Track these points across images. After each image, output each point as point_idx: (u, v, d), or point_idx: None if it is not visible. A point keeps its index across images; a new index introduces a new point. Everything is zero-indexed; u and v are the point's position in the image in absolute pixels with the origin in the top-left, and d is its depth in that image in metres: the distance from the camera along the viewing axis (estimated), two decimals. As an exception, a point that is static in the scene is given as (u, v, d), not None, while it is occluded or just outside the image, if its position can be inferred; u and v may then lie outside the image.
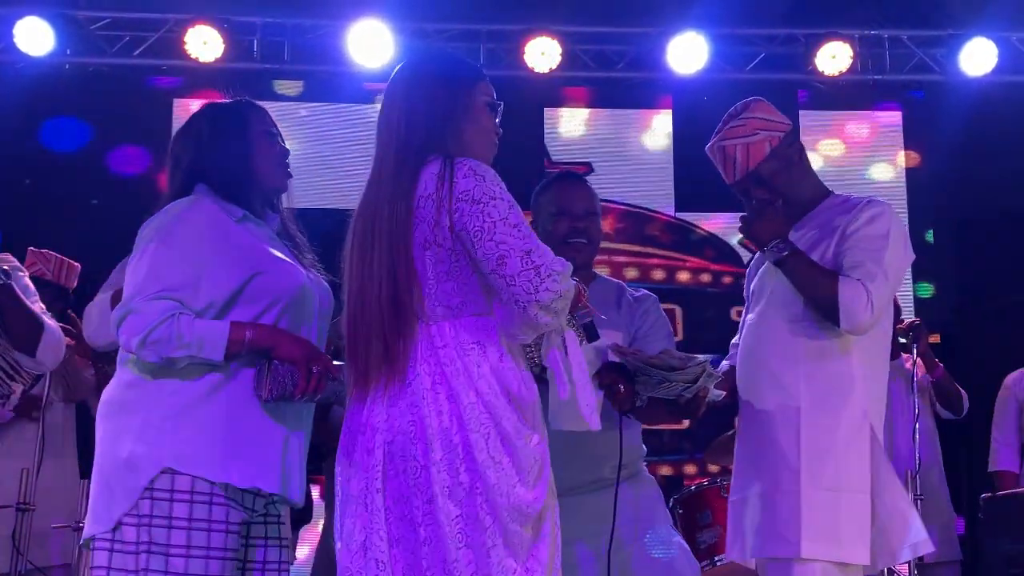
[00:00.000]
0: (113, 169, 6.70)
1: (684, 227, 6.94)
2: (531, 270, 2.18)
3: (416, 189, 2.25)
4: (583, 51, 6.83)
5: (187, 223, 2.50)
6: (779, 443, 2.81)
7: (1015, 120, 6.80)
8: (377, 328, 2.26)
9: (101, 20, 6.65)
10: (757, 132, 2.91)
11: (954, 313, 6.82)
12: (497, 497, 2.18)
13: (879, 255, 2.78)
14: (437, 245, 2.24)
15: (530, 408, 2.29)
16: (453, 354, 2.23)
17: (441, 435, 2.19)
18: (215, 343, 2.39)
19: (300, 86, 6.94)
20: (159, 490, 2.37)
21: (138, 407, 2.44)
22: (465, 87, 2.40)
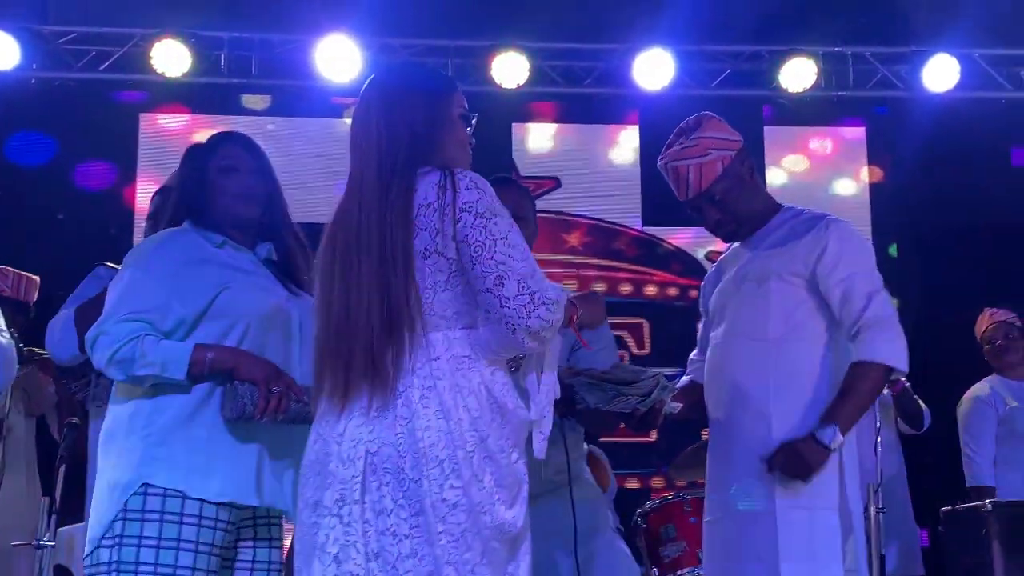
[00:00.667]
0: (79, 184, 6.67)
1: (651, 241, 6.98)
2: (527, 295, 2.17)
3: (415, 199, 2.23)
4: (550, 67, 6.87)
5: (163, 248, 2.64)
6: (752, 463, 2.83)
7: (978, 135, 6.90)
8: (364, 340, 2.22)
9: (67, 35, 6.63)
10: (709, 152, 2.93)
11: (918, 327, 6.84)
12: (480, 515, 2.17)
13: (871, 285, 2.84)
14: (438, 254, 2.21)
15: (519, 425, 2.28)
16: (446, 367, 2.21)
17: (429, 449, 2.16)
18: (178, 363, 2.49)
19: (268, 100, 6.94)
20: (132, 511, 2.47)
21: (121, 433, 2.56)
22: (443, 99, 2.40)
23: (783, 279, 2.86)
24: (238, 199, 2.73)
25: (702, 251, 6.85)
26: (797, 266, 2.86)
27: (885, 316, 2.81)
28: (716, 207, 2.96)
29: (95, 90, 6.74)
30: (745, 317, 2.92)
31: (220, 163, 2.75)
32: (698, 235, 6.88)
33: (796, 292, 2.86)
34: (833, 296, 2.83)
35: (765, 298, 2.88)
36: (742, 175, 2.97)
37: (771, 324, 2.86)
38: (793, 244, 2.89)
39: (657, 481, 6.52)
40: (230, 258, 2.67)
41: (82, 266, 3.79)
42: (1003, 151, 7.17)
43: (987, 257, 6.69)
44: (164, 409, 2.54)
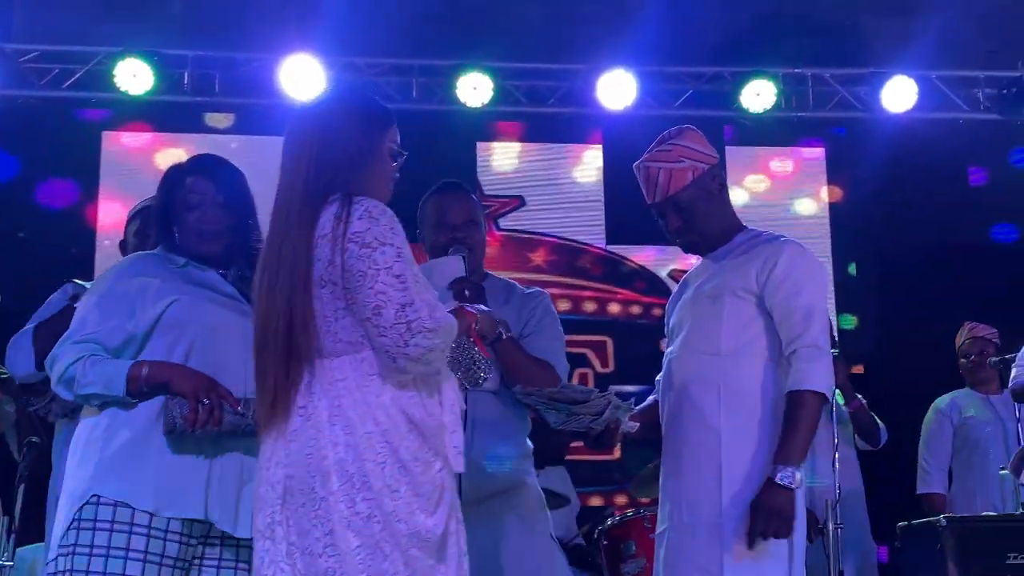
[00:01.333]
0: (41, 202, 6.64)
1: (615, 260, 7.03)
2: (403, 324, 2.21)
3: (316, 229, 2.29)
4: (515, 86, 6.92)
5: (122, 273, 2.73)
6: (701, 474, 2.87)
7: (935, 156, 7.00)
8: (275, 367, 2.30)
9: (30, 53, 6.61)
10: (682, 160, 2.98)
11: (877, 344, 6.97)
12: (395, 523, 2.22)
13: (814, 308, 2.87)
14: (333, 283, 2.26)
15: (433, 434, 2.32)
16: (352, 386, 2.27)
17: (337, 466, 2.22)
18: (117, 380, 2.56)
19: (231, 119, 6.93)
20: (85, 520, 2.53)
21: (80, 447, 2.65)
22: (378, 131, 2.44)
23: (736, 295, 2.91)
24: (201, 237, 2.77)
25: (665, 269, 6.91)
26: (749, 283, 2.91)
27: (819, 343, 2.84)
28: (680, 215, 3.00)
29: (58, 108, 6.71)
30: (699, 332, 2.97)
31: (184, 197, 2.79)
32: (661, 253, 6.95)
33: (748, 308, 2.91)
34: (775, 314, 2.89)
35: (718, 314, 2.93)
36: (711, 189, 3.02)
37: (723, 339, 2.91)
38: (747, 262, 2.94)
39: (620, 498, 6.55)
40: (190, 276, 2.73)
41: (43, 284, 3.77)
42: (960, 171, 7.28)
43: (945, 275, 6.78)
44: (119, 424, 2.60)
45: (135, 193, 5.04)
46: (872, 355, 6.90)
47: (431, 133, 6.71)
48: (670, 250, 6.80)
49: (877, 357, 6.88)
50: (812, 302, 2.87)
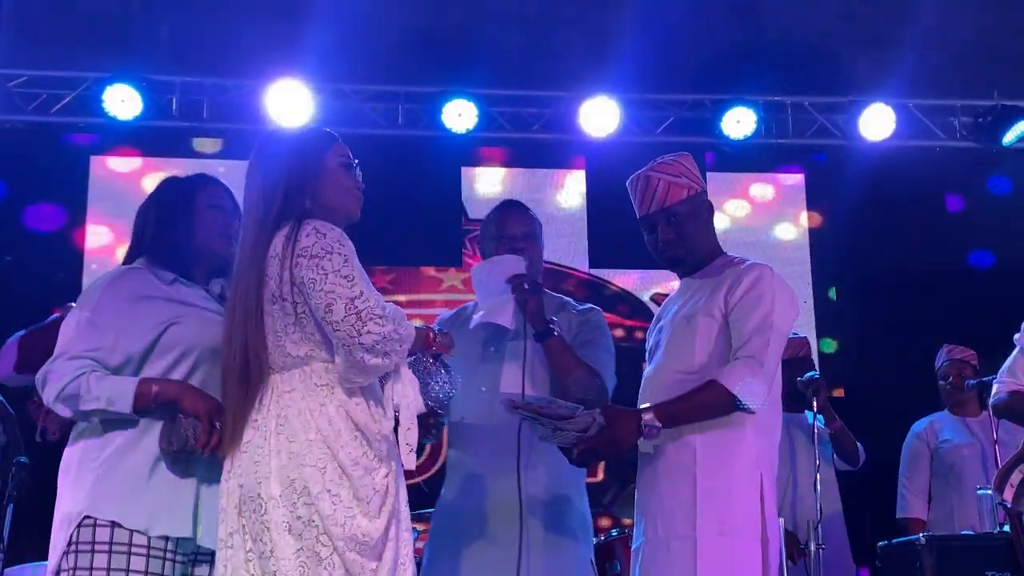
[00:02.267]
0: (28, 226, 6.67)
1: (598, 283, 7.09)
2: (353, 315, 2.34)
3: (267, 251, 2.44)
4: (499, 113, 7.00)
5: (111, 289, 2.71)
6: (675, 490, 2.91)
7: (913, 183, 7.11)
8: (230, 384, 2.46)
9: (19, 78, 6.65)
10: (681, 176, 3.08)
11: (856, 368, 7.05)
12: (332, 527, 2.32)
13: (765, 323, 2.90)
14: (282, 299, 2.42)
15: (379, 441, 2.44)
16: (298, 396, 2.41)
17: (279, 472, 2.35)
18: (123, 397, 2.56)
19: (219, 144, 6.98)
20: (83, 543, 2.54)
21: (73, 467, 2.66)
22: (316, 151, 2.59)
23: (708, 315, 2.98)
24: (222, 237, 2.82)
25: (648, 293, 6.98)
26: (719, 302, 2.97)
27: (758, 356, 2.87)
28: (672, 227, 3.07)
29: (46, 133, 6.75)
30: (673, 352, 3.03)
31: (210, 200, 2.85)
32: (644, 278, 7.02)
33: (716, 327, 2.97)
34: (731, 329, 2.94)
35: (691, 334, 2.99)
36: (702, 211, 3.11)
37: (696, 358, 2.97)
38: (719, 284, 3.01)
39: (604, 520, 6.58)
40: (179, 294, 2.75)
41: (30, 308, 3.82)
42: (937, 198, 7.39)
43: (923, 299, 6.88)
44: (111, 444, 2.62)
45: (123, 217, 5.09)
46: (852, 378, 6.97)
47: (416, 158, 6.78)
48: (652, 274, 6.87)
49: (857, 380, 6.95)
50: (766, 319, 2.90)
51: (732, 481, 2.87)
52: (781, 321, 2.94)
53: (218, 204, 2.86)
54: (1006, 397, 4.10)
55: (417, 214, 6.65)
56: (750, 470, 2.89)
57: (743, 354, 2.87)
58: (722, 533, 2.83)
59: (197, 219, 2.82)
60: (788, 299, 3.01)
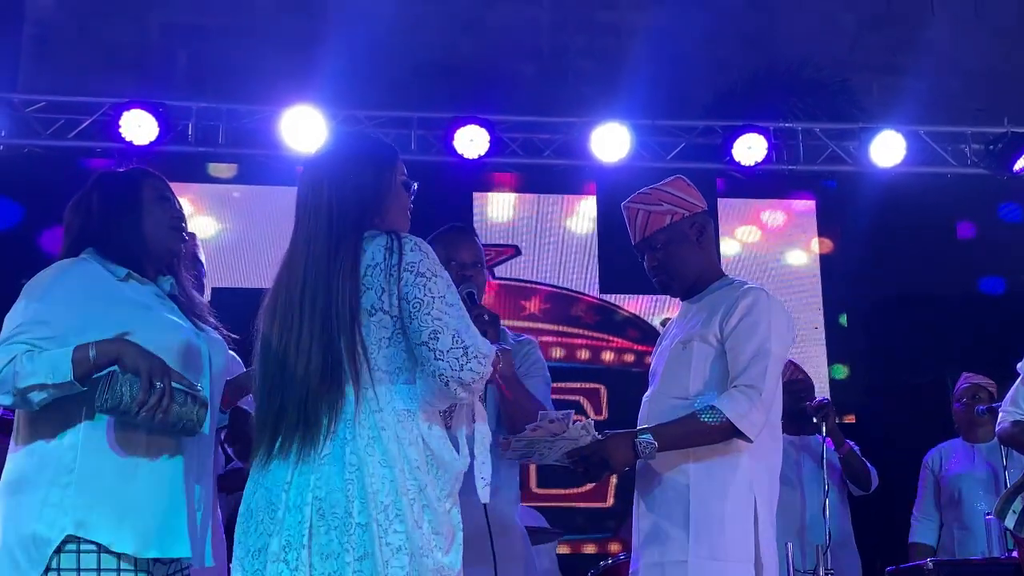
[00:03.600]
0: (44, 249, 6.73)
1: (608, 308, 7.12)
2: (460, 348, 2.28)
3: (362, 260, 2.36)
4: (511, 138, 7.04)
5: (63, 278, 2.53)
6: (669, 514, 2.93)
7: (924, 209, 7.10)
8: (302, 393, 2.33)
9: (37, 103, 6.73)
10: (661, 204, 3.10)
11: (867, 394, 7.04)
12: (421, 558, 2.27)
13: (761, 350, 2.91)
14: (383, 312, 2.33)
15: (453, 477, 2.39)
16: (389, 419, 2.32)
17: (373, 496, 2.26)
18: (63, 365, 2.35)
19: (234, 169, 7.04)
20: (66, 570, 2.36)
21: (38, 481, 2.42)
22: (388, 167, 2.55)
23: (704, 340, 2.99)
24: (173, 230, 2.70)
25: (658, 318, 6.98)
26: (714, 328, 2.99)
27: (757, 384, 2.88)
28: (654, 255, 3.11)
29: (63, 157, 6.81)
30: (670, 377, 3.05)
31: (156, 192, 2.71)
32: (654, 302, 7.05)
33: (713, 353, 2.98)
34: (728, 356, 2.95)
35: (687, 359, 3.01)
36: (687, 235, 3.11)
37: (691, 383, 2.98)
38: (715, 308, 3.02)
39: (614, 546, 6.59)
40: (134, 293, 2.59)
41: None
42: (948, 224, 7.40)
43: (934, 326, 6.88)
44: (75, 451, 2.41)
45: (139, 240, 5.12)
46: (863, 404, 6.97)
47: (429, 183, 6.73)
48: (663, 299, 6.90)
49: (868, 406, 6.95)
50: (762, 345, 2.91)
51: (725, 506, 2.88)
52: (777, 347, 2.95)
53: (165, 195, 2.72)
54: (1009, 427, 4.11)
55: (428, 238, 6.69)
56: (744, 495, 2.90)
57: (741, 382, 2.88)
58: (715, 558, 2.84)
59: (145, 212, 2.67)
60: (784, 324, 3.01)
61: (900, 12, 8.30)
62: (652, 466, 2.98)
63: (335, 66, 6.58)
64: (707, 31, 7.07)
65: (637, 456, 2.87)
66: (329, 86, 6.64)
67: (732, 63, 7.25)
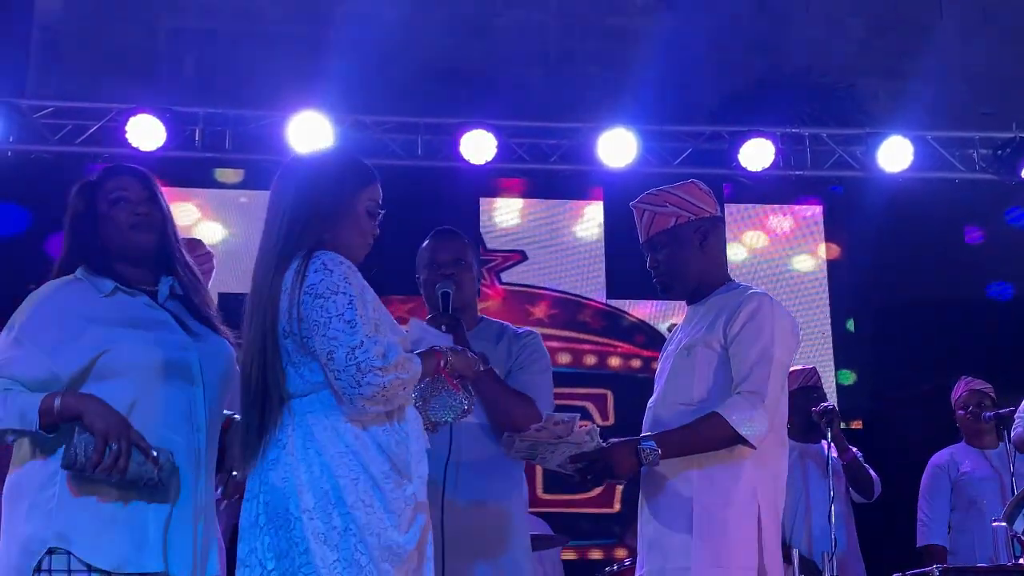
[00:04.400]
0: (52, 254, 6.72)
1: (615, 314, 7.12)
2: (353, 366, 2.32)
3: (281, 283, 2.43)
4: (517, 144, 7.04)
5: (42, 306, 2.55)
6: (673, 521, 2.93)
7: (931, 214, 7.10)
8: (252, 403, 2.43)
9: (45, 109, 6.75)
10: (667, 206, 3.11)
11: (874, 400, 7.03)
12: (368, 536, 2.31)
13: (763, 354, 2.92)
14: (292, 334, 2.40)
15: (401, 460, 2.42)
16: (320, 416, 2.39)
17: (311, 484, 2.33)
18: (30, 413, 2.40)
19: (240, 174, 7.05)
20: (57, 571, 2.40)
21: (27, 489, 2.48)
22: (354, 188, 2.57)
23: (708, 346, 2.99)
24: (132, 229, 2.64)
25: (665, 324, 6.99)
26: (717, 334, 2.99)
27: (760, 390, 2.88)
28: (656, 255, 3.13)
29: (70, 163, 6.81)
30: (674, 384, 3.05)
31: (109, 195, 2.66)
32: (661, 308, 7.04)
33: (716, 358, 2.98)
34: (732, 361, 2.95)
35: (691, 366, 3.01)
36: (690, 239, 3.11)
37: (695, 390, 2.98)
38: (719, 314, 3.02)
39: (620, 551, 6.58)
40: (119, 309, 2.57)
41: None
42: (956, 230, 7.39)
43: (941, 331, 6.87)
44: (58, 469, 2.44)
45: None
46: (870, 410, 6.96)
47: (435, 189, 6.84)
48: (670, 305, 6.89)
49: (875, 412, 6.94)
50: (765, 350, 2.91)
51: (728, 513, 2.88)
52: (781, 352, 2.95)
53: (120, 196, 2.65)
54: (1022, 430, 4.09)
55: (435, 244, 6.71)
56: (747, 501, 2.90)
57: (744, 388, 2.88)
58: (718, 564, 2.84)
59: (101, 220, 2.64)
60: (788, 329, 3.02)
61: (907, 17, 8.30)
62: (656, 472, 2.97)
63: (342, 71, 6.59)
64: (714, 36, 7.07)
65: (641, 464, 2.87)
66: (336, 91, 6.65)
67: (739, 68, 7.25)
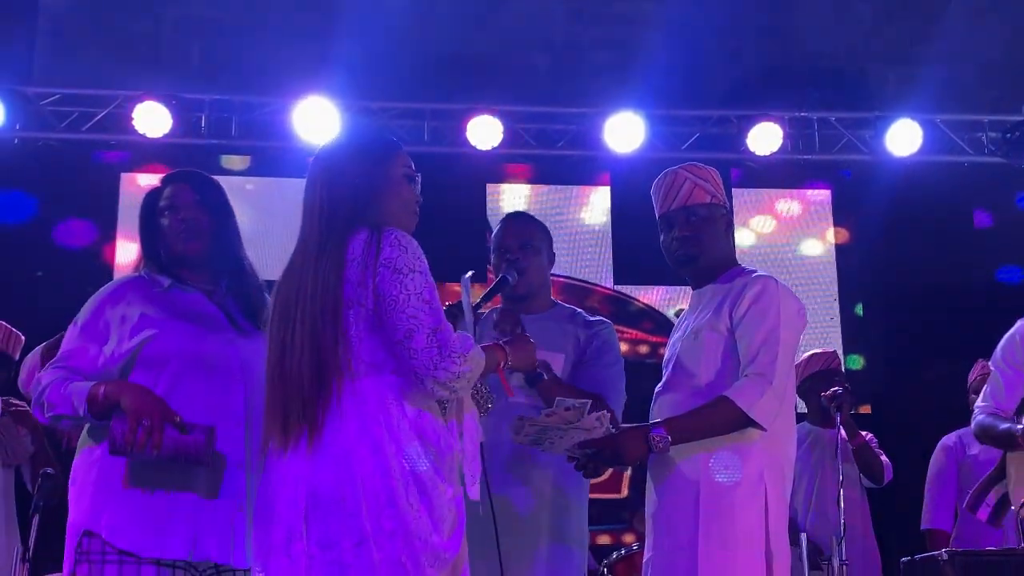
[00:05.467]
0: (59, 242, 6.75)
1: (622, 299, 7.10)
2: (435, 348, 2.31)
3: (346, 254, 2.38)
4: (524, 129, 7.03)
5: (101, 299, 2.75)
6: (680, 502, 2.93)
7: (940, 198, 7.08)
8: (297, 387, 2.36)
9: (51, 96, 6.75)
10: (707, 182, 3.13)
11: (884, 384, 7.01)
12: (415, 541, 2.28)
13: (771, 337, 2.91)
14: (360, 304, 2.36)
15: (447, 461, 2.40)
16: (375, 408, 2.34)
17: (364, 482, 2.29)
18: (79, 401, 2.56)
19: (247, 161, 7.06)
20: (94, 552, 2.54)
21: (77, 474, 2.67)
22: (383, 160, 2.56)
23: (714, 330, 2.99)
24: (177, 237, 2.81)
25: (672, 309, 6.97)
26: (723, 318, 2.98)
27: (766, 372, 2.87)
28: (689, 226, 3.10)
29: (77, 150, 6.84)
30: (682, 368, 3.05)
31: (160, 203, 2.87)
32: (668, 294, 7.02)
33: (723, 343, 2.98)
34: (739, 345, 2.95)
35: (698, 350, 3.01)
36: (720, 221, 3.14)
37: (702, 374, 2.98)
38: (724, 298, 3.02)
39: (628, 536, 6.57)
40: (172, 303, 2.75)
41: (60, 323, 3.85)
42: (965, 213, 7.35)
43: (950, 316, 6.83)
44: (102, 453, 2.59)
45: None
46: (879, 395, 6.94)
47: (442, 175, 6.81)
48: (677, 290, 6.87)
49: (884, 397, 6.92)
50: (772, 333, 2.90)
51: (735, 495, 2.88)
52: (787, 334, 2.94)
53: (169, 204, 2.85)
54: (982, 419, 4.03)
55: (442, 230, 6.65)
56: (754, 483, 2.89)
57: (752, 371, 2.88)
58: (724, 546, 2.84)
59: (159, 228, 2.84)
60: (794, 310, 3.01)
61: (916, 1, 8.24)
62: (664, 456, 2.97)
63: (348, 58, 6.56)
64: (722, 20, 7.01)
65: (650, 450, 2.87)
66: (342, 78, 6.63)
67: (747, 52, 7.20)
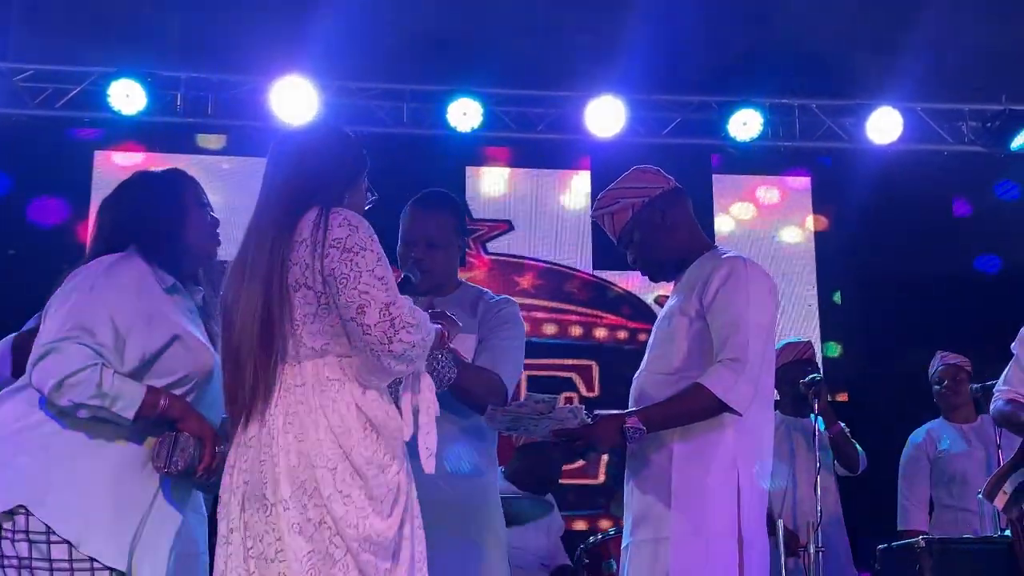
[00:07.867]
0: (31, 219, 6.67)
1: (601, 285, 7.08)
2: (387, 321, 2.27)
3: (294, 235, 2.35)
4: (504, 112, 6.99)
5: (114, 278, 2.53)
6: (654, 491, 2.92)
7: (920, 187, 7.08)
8: (243, 373, 2.34)
9: (25, 71, 6.66)
10: (618, 201, 3.12)
11: (861, 372, 7.03)
12: (346, 528, 2.26)
13: (741, 321, 2.88)
14: (307, 287, 2.32)
15: (392, 437, 2.37)
16: (309, 391, 2.32)
17: (288, 473, 2.27)
18: (131, 401, 2.42)
19: (223, 140, 7.00)
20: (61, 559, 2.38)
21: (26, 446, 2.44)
22: (356, 170, 2.55)
23: (686, 314, 2.97)
24: (212, 237, 2.76)
25: (651, 295, 6.97)
26: (693, 301, 2.97)
27: (740, 356, 2.85)
28: (632, 250, 3.14)
29: (51, 127, 6.76)
30: (656, 353, 3.05)
31: (198, 198, 2.76)
32: (647, 280, 6.97)
33: (695, 327, 2.96)
34: (711, 328, 2.92)
35: (672, 335, 3.00)
36: (653, 220, 3.10)
37: (674, 358, 2.97)
38: (696, 281, 3.00)
39: (604, 522, 6.57)
40: (177, 306, 2.63)
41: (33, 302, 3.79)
42: (944, 202, 7.38)
43: (929, 304, 6.85)
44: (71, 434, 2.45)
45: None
46: (856, 382, 6.96)
47: (421, 157, 6.78)
48: (656, 275, 6.86)
49: (861, 384, 6.94)
50: (740, 314, 2.88)
51: (707, 481, 2.86)
52: (757, 314, 2.91)
53: (205, 202, 2.78)
54: (1003, 406, 4.06)
55: (421, 213, 6.65)
56: (727, 470, 2.88)
57: (725, 356, 2.86)
58: (696, 533, 2.83)
59: (187, 216, 2.71)
60: (764, 289, 2.97)
61: (899, -12, 8.24)
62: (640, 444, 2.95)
63: (327, 37, 6.48)
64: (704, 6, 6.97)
65: (626, 440, 2.85)
66: (321, 57, 6.56)
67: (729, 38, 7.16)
